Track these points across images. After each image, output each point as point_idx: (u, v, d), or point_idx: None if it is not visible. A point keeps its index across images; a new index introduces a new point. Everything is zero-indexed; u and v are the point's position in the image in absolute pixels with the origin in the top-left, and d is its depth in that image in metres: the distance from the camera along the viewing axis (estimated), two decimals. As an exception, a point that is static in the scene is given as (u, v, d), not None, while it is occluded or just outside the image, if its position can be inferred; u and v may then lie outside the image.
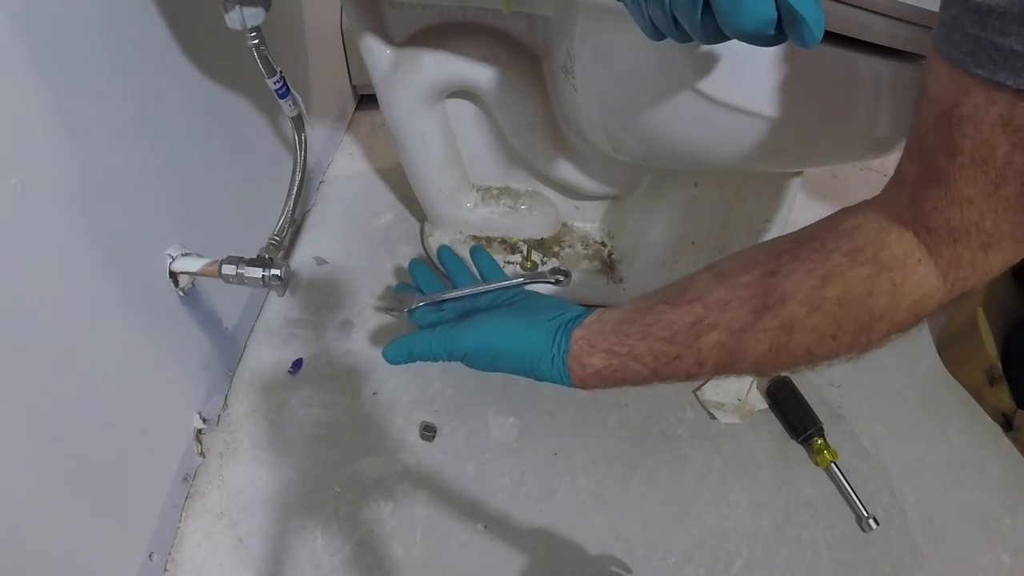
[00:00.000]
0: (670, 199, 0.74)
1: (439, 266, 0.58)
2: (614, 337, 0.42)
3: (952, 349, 0.82)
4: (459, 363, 0.47)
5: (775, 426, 0.74)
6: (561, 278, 0.61)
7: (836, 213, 0.41)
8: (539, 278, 0.60)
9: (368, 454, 0.69)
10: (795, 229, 0.43)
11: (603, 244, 0.89)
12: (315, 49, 0.97)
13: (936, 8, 0.48)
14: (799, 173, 0.73)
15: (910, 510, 0.68)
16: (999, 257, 0.34)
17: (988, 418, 0.77)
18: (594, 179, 0.80)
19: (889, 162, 1.28)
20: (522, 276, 0.59)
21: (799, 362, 0.39)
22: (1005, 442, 0.75)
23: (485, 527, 0.64)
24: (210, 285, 0.67)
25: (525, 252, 0.86)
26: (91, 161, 0.49)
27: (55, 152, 0.45)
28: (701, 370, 0.40)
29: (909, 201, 0.35)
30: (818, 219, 0.42)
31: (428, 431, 0.70)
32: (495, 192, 0.86)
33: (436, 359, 0.47)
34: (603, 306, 0.46)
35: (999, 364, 0.74)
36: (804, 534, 0.66)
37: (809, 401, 0.74)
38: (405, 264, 0.90)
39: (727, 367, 0.40)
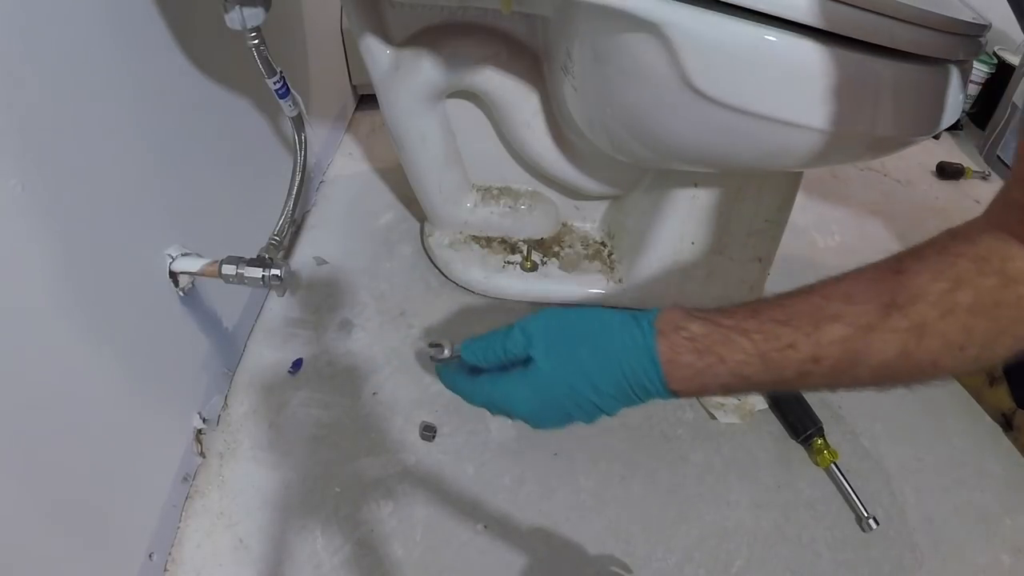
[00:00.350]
0: (670, 199, 0.74)
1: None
2: (715, 312, 0.37)
3: None
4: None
5: (775, 426, 0.74)
6: None
7: (944, 232, 0.37)
8: None
9: (368, 454, 0.69)
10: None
11: (603, 244, 0.89)
12: (315, 49, 0.97)
13: (936, 8, 0.48)
14: (799, 173, 0.73)
15: (910, 510, 0.68)
16: None
17: (988, 418, 0.77)
18: (594, 179, 0.80)
19: (889, 162, 1.28)
20: None
21: (922, 374, 0.35)
22: (1005, 442, 0.75)
23: (485, 527, 0.64)
24: (210, 285, 0.67)
25: (525, 252, 0.86)
26: (91, 161, 0.49)
27: (55, 152, 0.45)
28: (816, 368, 0.35)
29: (1020, 222, 0.34)
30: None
31: (428, 431, 0.70)
32: (495, 192, 0.86)
33: (502, 354, 0.40)
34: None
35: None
36: (804, 534, 0.66)
37: (809, 401, 0.74)
38: (405, 264, 0.90)
39: (844, 371, 0.36)
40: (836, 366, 0.35)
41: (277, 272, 0.61)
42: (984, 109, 1.28)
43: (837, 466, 0.69)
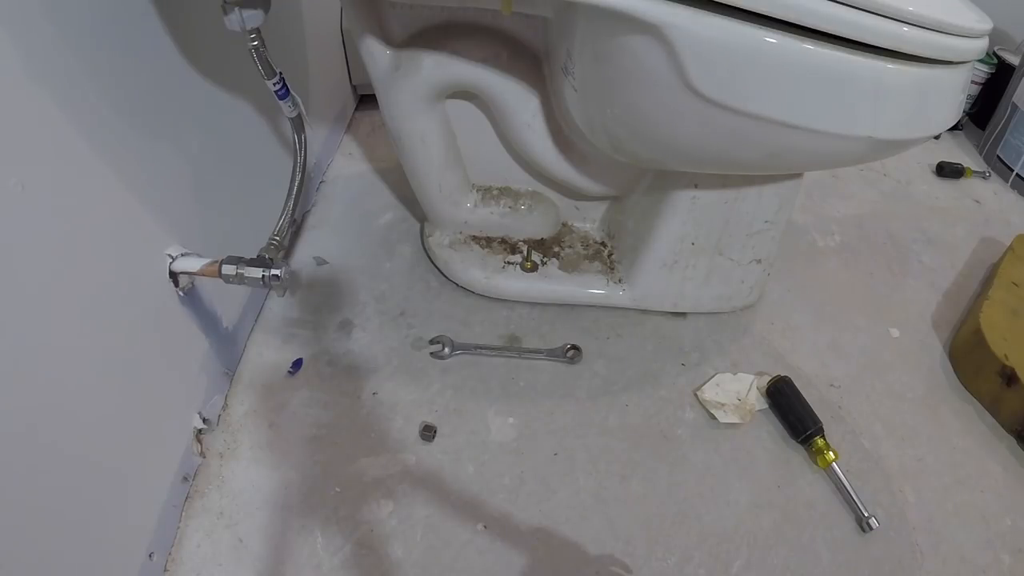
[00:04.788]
0: (670, 199, 0.74)
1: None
2: None
3: (963, 361, 0.81)
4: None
5: (775, 426, 0.74)
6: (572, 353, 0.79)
7: None
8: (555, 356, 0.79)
9: (368, 454, 0.69)
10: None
11: (603, 244, 0.89)
12: (315, 49, 0.97)
13: (937, 9, 0.48)
14: (799, 174, 0.73)
15: (910, 510, 0.68)
16: None
17: (989, 417, 0.77)
18: (594, 180, 0.80)
19: (889, 162, 1.28)
20: (542, 352, 0.79)
21: None
22: (1006, 441, 0.75)
23: (485, 527, 0.64)
24: (210, 285, 0.67)
25: (525, 252, 0.87)
26: (91, 161, 0.49)
27: (55, 152, 0.45)
28: None
29: None
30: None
31: (428, 431, 0.70)
32: (495, 192, 0.86)
33: None
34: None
35: (1010, 362, 0.74)
36: (804, 534, 0.66)
37: (809, 401, 0.74)
38: (405, 264, 0.90)
39: None
40: None
41: (277, 272, 0.61)
42: (984, 109, 1.28)
43: (837, 466, 0.69)
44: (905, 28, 0.47)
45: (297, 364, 0.77)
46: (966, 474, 0.72)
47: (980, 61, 1.24)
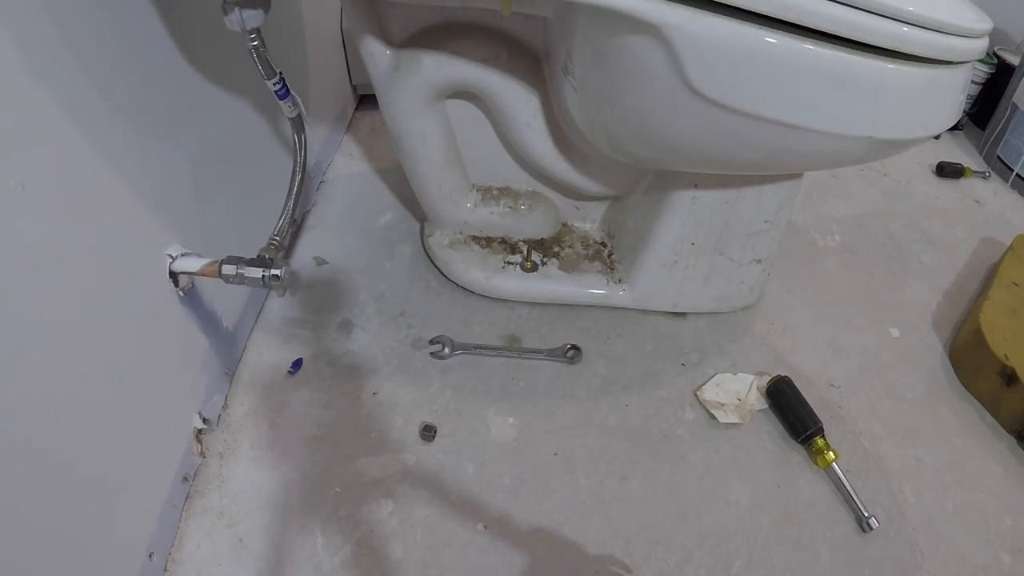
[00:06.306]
0: (670, 199, 0.74)
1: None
2: None
3: (963, 361, 0.81)
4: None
5: (775, 426, 0.74)
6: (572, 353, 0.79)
7: None
8: (555, 356, 0.79)
9: (368, 454, 0.69)
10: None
11: (603, 244, 0.89)
12: (315, 49, 0.97)
13: (937, 9, 0.48)
14: (799, 174, 0.73)
15: (910, 510, 0.68)
16: None
17: (989, 417, 0.77)
18: (594, 180, 0.80)
19: (889, 162, 1.28)
20: (542, 352, 0.79)
21: None
22: (1006, 441, 0.75)
23: (485, 527, 0.64)
24: (210, 285, 0.67)
25: (525, 252, 0.87)
26: (91, 161, 0.49)
27: (55, 152, 0.45)
28: None
29: None
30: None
31: (428, 431, 0.70)
32: (495, 192, 0.86)
33: None
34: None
35: (1010, 362, 0.74)
36: (804, 534, 0.66)
37: (809, 401, 0.74)
38: (405, 264, 0.90)
39: None
40: None
41: (277, 272, 0.61)
42: (984, 109, 1.28)
43: (837, 466, 0.69)
44: (905, 28, 0.47)
45: (297, 364, 0.77)
46: (966, 474, 0.72)
47: (980, 61, 1.24)
